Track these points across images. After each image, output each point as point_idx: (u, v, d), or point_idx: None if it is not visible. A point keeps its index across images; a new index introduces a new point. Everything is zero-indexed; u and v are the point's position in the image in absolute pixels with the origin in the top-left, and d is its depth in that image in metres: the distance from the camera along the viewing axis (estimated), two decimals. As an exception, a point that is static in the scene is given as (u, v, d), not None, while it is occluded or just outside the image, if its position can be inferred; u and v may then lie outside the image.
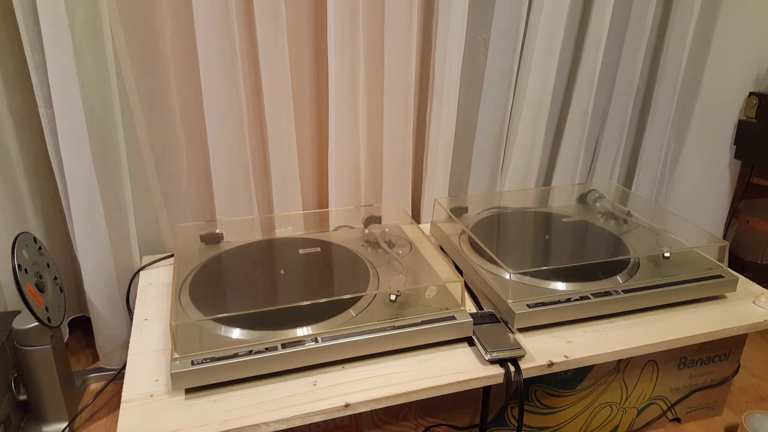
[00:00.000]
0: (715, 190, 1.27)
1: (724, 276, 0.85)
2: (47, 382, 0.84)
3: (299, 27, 0.97)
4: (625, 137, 1.30)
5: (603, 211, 1.07)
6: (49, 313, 0.80)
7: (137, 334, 0.76)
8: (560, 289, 0.80)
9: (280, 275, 0.85)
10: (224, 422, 0.60)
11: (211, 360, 0.64)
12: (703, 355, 0.87)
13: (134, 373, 0.68)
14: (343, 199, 1.09)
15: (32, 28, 0.79)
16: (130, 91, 0.90)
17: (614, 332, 0.77)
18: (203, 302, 0.74)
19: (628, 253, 0.90)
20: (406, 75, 1.04)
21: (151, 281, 0.90)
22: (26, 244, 0.79)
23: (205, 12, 0.88)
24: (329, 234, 1.00)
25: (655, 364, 0.84)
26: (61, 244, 1.00)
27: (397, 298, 0.75)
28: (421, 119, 1.13)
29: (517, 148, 1.18)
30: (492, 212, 1.08)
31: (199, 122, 0.95)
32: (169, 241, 1.03)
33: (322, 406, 0.63)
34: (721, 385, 0.92)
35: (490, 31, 1.08)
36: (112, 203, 0.91)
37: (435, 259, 0.88)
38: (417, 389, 0.66)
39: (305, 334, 0.69)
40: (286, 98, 0.97)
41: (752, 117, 1.18)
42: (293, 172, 1.03)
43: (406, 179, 1.13)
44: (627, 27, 1.18)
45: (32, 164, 0.93)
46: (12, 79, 0.87)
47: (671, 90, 1.24)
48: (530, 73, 1.12)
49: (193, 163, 0.99)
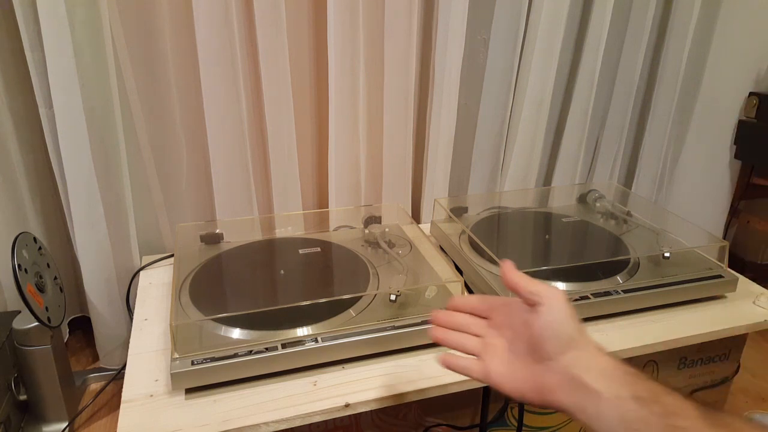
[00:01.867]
0: (715, 190, 1.27)
1: (724, 276, 0.85)
2: (47, 382, 0.84)
3: (299, 27, 0.97)
4: (625, 137, 1.30)
5: (603, 211, 1.07)
6: (49, 313, 0.80)
7: (137, 334, 0.76)
8: (560, 289, 0.80)
9: (280, 275, 0.85)
10: (224, 422, 0.60)
11: (211, 360, 0.64)
12: (703, 355, 0.87)
13: (134, 373, 0.68)
14: (343, 199, 1.09)
15: (32, 28, 0.79)
16: (130, 91, 0.90)
17: (614, 332, 0.77)
18: (203, 302, 0.74)
19: (628, 253, 0.90)
20: (406, 75, 1.04)
21: (151, 281, 0.90)
22: (26, 244, 0.79)
23: (205, 12, 0.88)
24: (329, 234, 1.00)
25: (655, 364, 0.84)
26: (61, 244, 1.00)
27: (397, 298, 0.75)
28: (421, 119, 1.13)
29: (517, 148, 1.18)
30: (492, 212, 1.08)
31: (199, 122, 0.95)
32: (169, 241, 1.03)
33: (322, 406, 0.63)
34: (721, 385, 0.92)
35: (490, 31, 1.08)
36: (112, 203, 0.91)
37: (435, 259, 0.88)
38: (417, 389, 0.66)
39: (305, 334, 0.69)
40: (286, 98, 0.97)
41: (752, 117, 1.18)
42: (293, 172, 1.03)
43: (406, 179, 1.13)
44: (627, 27, 1.18)
45: (32, 164, 0.93)
46: (12, 79, 0.87)
47: (671, 90, 1.24)
48: (530, 73, 1.12)
49: (193, 163, 0.99)
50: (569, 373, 0.45)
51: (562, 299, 0.47)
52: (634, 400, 0.41)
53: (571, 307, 0.47)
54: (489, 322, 0.53)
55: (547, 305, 0.47)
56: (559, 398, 0.45)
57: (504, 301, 0.52)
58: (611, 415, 0.42)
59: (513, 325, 0.50)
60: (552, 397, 0.46)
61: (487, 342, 0.52)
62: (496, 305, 0.53)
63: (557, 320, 0.46)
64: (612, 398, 0.42)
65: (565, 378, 0.45)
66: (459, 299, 0.55)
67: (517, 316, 0.49)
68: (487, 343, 0.51)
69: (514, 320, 0.50)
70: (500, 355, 0.50)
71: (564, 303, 0.47)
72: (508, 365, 0.49)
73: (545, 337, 0.46)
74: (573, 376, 0.45)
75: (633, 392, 0.42)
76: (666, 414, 0.40)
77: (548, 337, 0.46)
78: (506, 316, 0.51)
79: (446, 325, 0.55)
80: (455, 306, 0.55)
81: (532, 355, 0.48)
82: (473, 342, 0.52)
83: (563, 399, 0.45)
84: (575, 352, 0.46)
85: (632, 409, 0.41)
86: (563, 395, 0.45)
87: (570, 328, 0.46)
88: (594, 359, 0.45)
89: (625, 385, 0.43)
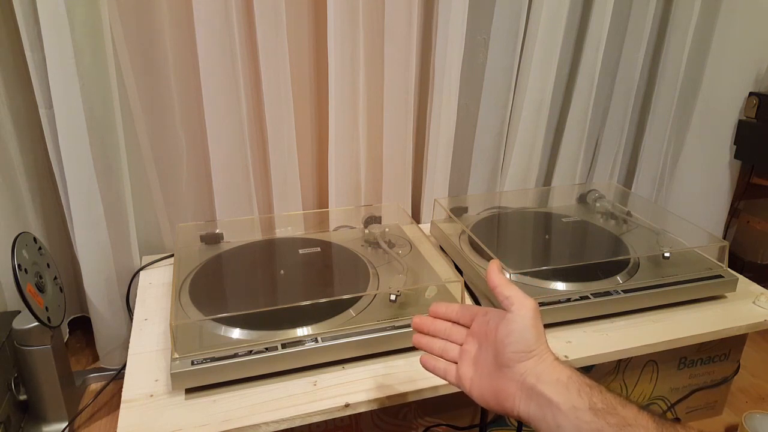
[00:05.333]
0: (715, 190, 1.27)
1: (724, 276, 0.85)
2: (47, 382, 0.84)
3: (299, 27, 0.97)
4: (625, 137, 1.30)
5: (603, 211, 1.07)
6: (49, 313, 0.80)
7: (137, 334, 0.76)
8: (560, 289, 0.80)
9: (280, 275, 0.85)
10: (224, 422, 0.60)
11: (211, 360, 0.64)
12: (703, 355, 0.87)
13: (134, 373, 0.68)
14: (343, 199, 1.09)
15: (32, 28, 0.79)
16: (130, 91, 0.90)
17: (614, 332, 0.77)
18: (203, 302, 0.74)
19: (628, 253, 0.90)
20: (406, 75, 1.04)
21: (151, 281, 0.90)
22: (26, 244, 0.79)
23: (205, 12, 0.88)
24: (329, 234, 1.00)
25: (655, 364, 0.84)
26: (61, 244, 1.00)
27: (397, 298, 0.75)
28: (421, 119, 1.13)
29: (517, 148, 1.18)
30: (492, 212, 1.08)
31: (199, 122, 0.95)
32: (169, 241, 1.03)
33: (322, 406, 0.63)
34: (721, 385, 0.92)
35: (490, 31, 1.08)
36: (112, 203, 0.91)
37: (435, 259, 0.88)
38: (417, 389, 0.66)
39: (305, 334, 0.69)
40: (286, 98, 0.97)
41: (752, 117, 1.18)
42: (293, 172, 1.03)
43: (406, 179, 1.13)
44: (627, 27, 1.18)
45: (32, 164, 0.93)
46: (12, 79, 0.87)
47: (671, 90, 1.24)
48: (530, 73, 1.12)
49: (193, 163, 0.99)
50: (525, 381, 0.46)
51: (531, 309, 0.48)
52: (590, 411, 0.42)
53: (539, 319, 0.48)
54: (468, 330, 0.53)
55: (515, 313, 0.47)
56: (516, 406, 0.46)
57: (484, 310, 0.53)
58: (568, 426, 0.42)
59: (486, 333, 0.51)
60: (509, 404, 0.47)
61: (464, 348, 0.52)
62: (477, 314, 0.53)
63: (520, 328, 0.47)
64: (569, 409, 0.43)
65: (522, 386, 0.46)
66: (442, 307, 0.56)
67: (492, 324, 0.50)
68: (464, 350, 0.52)
69: (489, 328, 0.50)
70: (471, 361, 0.51)
71: (531, 313, 0.47)
72: (475, 371, 0.50)
73: (506, 343, 0.47)
74: (529, 384, 0.45)
75: (589, 403, 0.42)
76: (621, 425, 0.41)
77: (509, 344, 0.47)
78: (483, 323, 0.52)
79: (429, 332, 0.55)
80: (438, 313, 0.56)
81: (495, 361, 0.48)
82: (455, 350, 0.53)
83: (521, 407, 0.46)
84: (532, 360, 0.46)
85: (588, 420, 0.42)
86: (520, 404, 0.46)
87: (530, 338, 0.47)
88: (551, 369, 0.46)
89: (582, 396, 0.43)
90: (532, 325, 0.47)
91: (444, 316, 0.55)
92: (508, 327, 0.47)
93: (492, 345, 0.49)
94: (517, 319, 0.47)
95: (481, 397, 0.49)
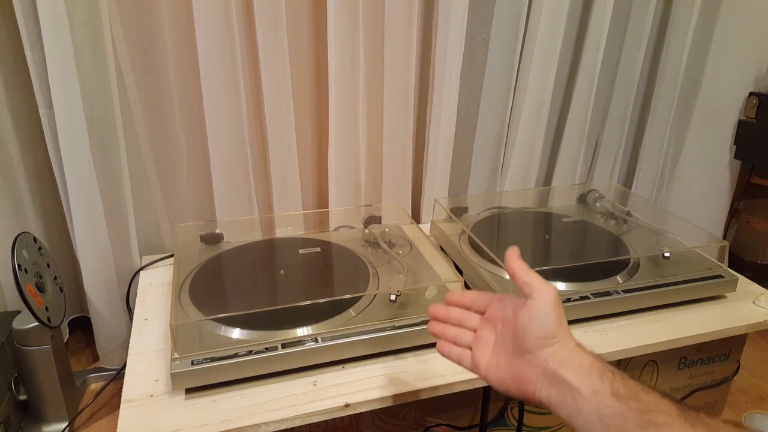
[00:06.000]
0: (715, 190, 1.27)
1: (724, 276, 0.85)
2: (47, 382, 0.84)
3: (299, 27, 0.97)
4: (625, 137, 1.30)
5: (603, 211, 1.07)
6: (49, 313, 0.80)
7: (137, 334, 0.76)
8: (560, 289, 0.80)
9: (280, 275, 0.85)
10: (224, 422, 0.60)
11: (211, 360, 0.64)
12: (703, 355, 0.87)
13: (134, 373, 0.68)
14: (343, 199, 1.09)
15: (32, 28, 0.79)
16: (130, 91, 0.91)
17: (614, 332, 0.77)
18: (203, 302, 0.74)
19: (628, 253, 0.90)
20: (406, 75, 1.04)
21: (151, 281, 0.90)
22: (26, 244, 0.80)
23: (205, 12, 0.88)
24: (329, 234, 1.00)
25: (655, 364, 0.84)
26: (61, 244, 1.00)
27: (397, 298, 0.75)
28: (421, 119, 1.13)
29: (517, 148, 1.18)
30: (492, 212, 1.08)
31: (199, 122, 0.95)
32: (169, 241, 1.03)
33: (322, 406, 0.63)
34: (721, 385, 0.92)
35: (490, 31, 1.08)
36: (112, 203, 0.91)
37: (435, 259, 0.88)
38: (417, 389, 0.66)
39: (305, 334, 0.69)
40: (286, 98, 0.97)
41: (752, 117, 1.18)
42: (293, 172, 1.03)
43: (406, 179, 1.13)
44: (627, 27, 1.18)
45: (32, 164, 0.93)
46: (12, 79, 0.87)
47: (671, 90, 1.24)
48: (530, 73, 1.12)
49: (193, 163, 0.99)
50: (547, 367, 0.46)
51: (552, 296, 0.47)
52: (612, 396, 0.42)
53: (559, 305, 0.48)
54: (483, 316, 0.53)
55: (536, 299, 0.47)
56: (538, 391, 0.46)
57: (499, 296, 0.53)
58: (589, 410, 0.42)
59: (504, 319, 0.51)
60: (530, 389, 0.47)
61: (479, 334, 0.52)
62: (492, 300, 0.53)
63: (541, 315, 0.47)
64: (590, 393, 0.43)
65: (544, 372, 0.46)
66: (456, 294, 0.56)
67: (509, 310, 0.50)
68: (479, 336, 0.52)
69: (506, 313, 0.50)
70: (488, 346, 0.51)
71: (552, 299, 0.47)
72: (493, 357, 0.50)
73: (527, 330, 0.47)
74: (551, 370, 0.45)
75: (611, 388, 0.42)
76: (644, 410, 0.41)
77: (530, 330, 0.47)
78: (499, 309, 0.52)
79: (444, 320, 0.56)
80: (452, 301, 0.56)
81: (516, 347, 0.48)
82: (469, 336, 0.53)
83: (542, 392, 0.46)
84: (555, 347, 0.46)
85: (610, 404, 0.42)
86: (542, 389, 0.46)
87: (552, 324, 0.47)
88: (573, 355, 0.46)
89: (604, 381, 0.43)
90: (554, 310, 0.47)
91: (458, 303, 0.56)
92: (529, 313, 0.47)
93: (511, 331, 0.49)
94: (538, 306, 0.47)
95: (500, 383, 0.49)
